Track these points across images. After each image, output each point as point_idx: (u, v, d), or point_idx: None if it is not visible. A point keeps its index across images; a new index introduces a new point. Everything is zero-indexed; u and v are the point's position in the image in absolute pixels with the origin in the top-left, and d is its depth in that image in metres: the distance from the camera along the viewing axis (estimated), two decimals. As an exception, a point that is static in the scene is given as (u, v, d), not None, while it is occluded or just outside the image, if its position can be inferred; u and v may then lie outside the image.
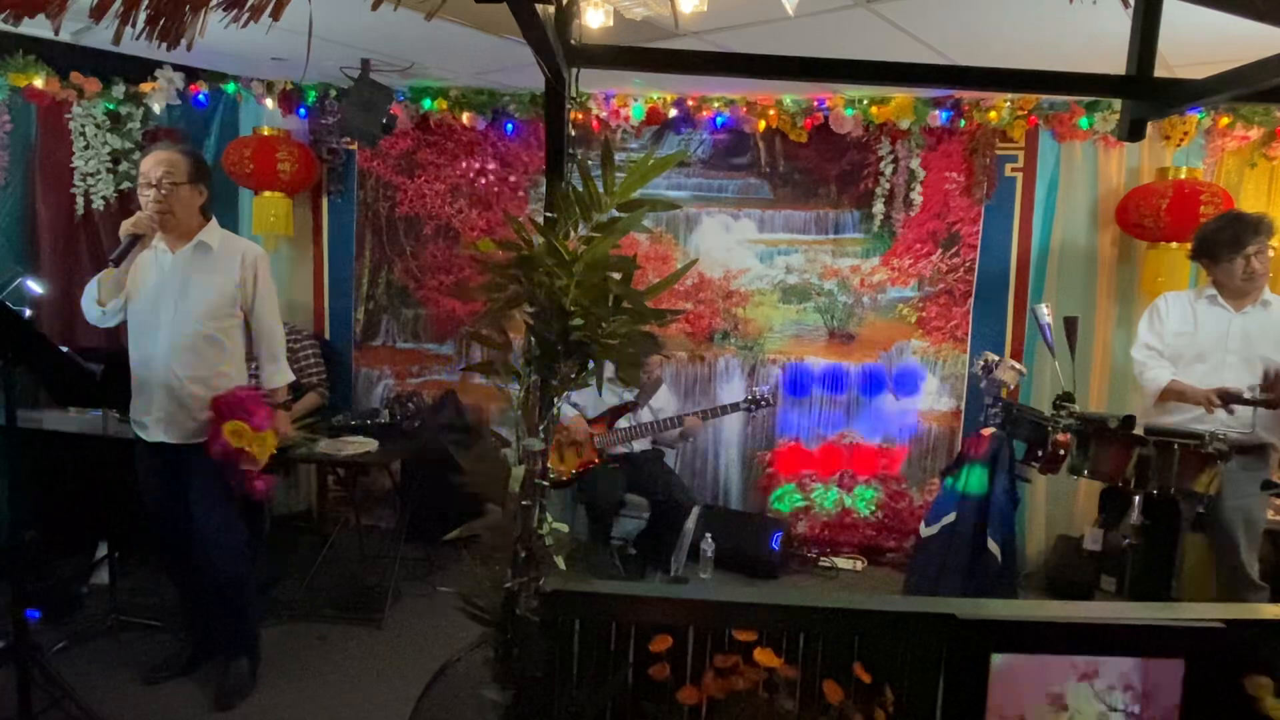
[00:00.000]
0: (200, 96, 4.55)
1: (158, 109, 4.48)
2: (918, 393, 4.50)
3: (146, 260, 2.85)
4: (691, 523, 4.19)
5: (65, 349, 2.83)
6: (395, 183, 4.77)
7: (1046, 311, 3.32)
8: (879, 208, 4.39)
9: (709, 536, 4.25)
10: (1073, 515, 4.33)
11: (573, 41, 1.69)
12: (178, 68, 4.43)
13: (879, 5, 2.95)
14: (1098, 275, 4.26)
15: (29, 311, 4.05)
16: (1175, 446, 2.83)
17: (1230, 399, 2.93)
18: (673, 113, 4.44)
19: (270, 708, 2.93)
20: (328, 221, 4.84)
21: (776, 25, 3.12)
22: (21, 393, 2.74)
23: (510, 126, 4.60)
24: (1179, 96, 1.88)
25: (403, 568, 3.92)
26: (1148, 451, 2.87)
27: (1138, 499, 2.92)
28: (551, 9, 1.51)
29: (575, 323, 1.30)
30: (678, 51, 1.97)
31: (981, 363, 3.54)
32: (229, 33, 1.40)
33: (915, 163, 4.33)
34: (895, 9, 2.99)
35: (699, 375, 4.70)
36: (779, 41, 3.31)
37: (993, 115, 4.18)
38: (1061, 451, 3.03)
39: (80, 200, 4.43)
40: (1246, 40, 2.27)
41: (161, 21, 1.36)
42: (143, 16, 1.35)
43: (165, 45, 1.40)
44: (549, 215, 1.36)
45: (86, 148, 4.41)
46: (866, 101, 4.25)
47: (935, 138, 4.32)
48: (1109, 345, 4.28)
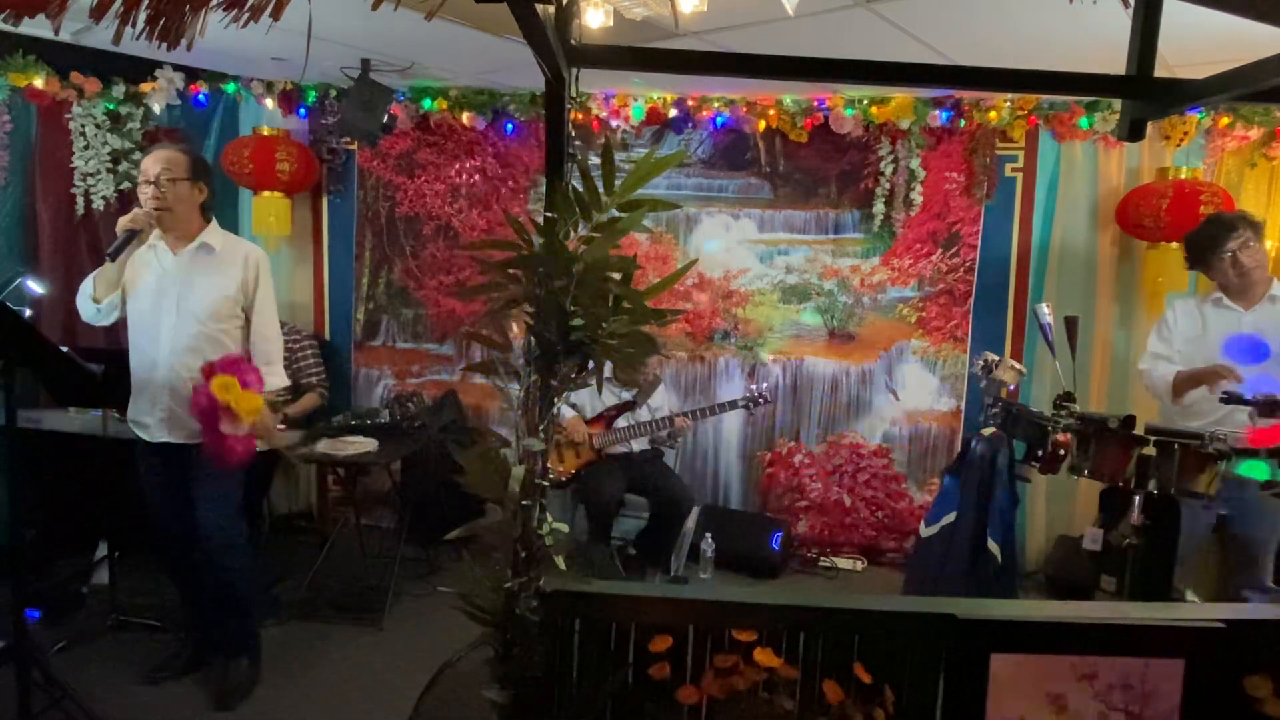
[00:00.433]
0: (200, 96, 4.55)
1: (158, 109, 4.48)
2: (918, 393, 4.50)
3: (148, 260, 2.85)
4: (691, 523, 4.19)
5: (65, 349, 2.83)
6: (395, 183, 4.77)
7: (1047, 311, 3.31)
8: (879, 208, 4.39)
9: (709, 536, 4.26)
10: (1073, 515, 4.33)
11: (573, 41, 1.69)
12: (178, 68, 4.43)
13: (879, 5, 2.94)
14: (1098, 275, 4.26)
15: (29, 311, 4.06)
16: (1175, 446, 2.83)
17: (1232, 399, 2.91)
18: (673, 113, 4.44)
19: (270, 708, 2.93)
20: (328, 221, 4.84)
21: (776, 25, 3.12)
22: (21, 393, 2.73)
23: (510, 126, 4.60)
24: (1179, 96, 1.88)
25: (403, 568, 3.92)
26: (1148, 451, 2.86)
27: (1138, 499, 2.92)
28: (551, 9, 1.51)
29: (575, 323, 1.30)
30: (678, 51, 1.97)
31: (981, 363, 3.53)
32: (229, 33, 1.40)
33: (915, 163, 4.33)
34: (895, 9, 2.99)
35: (699, 375, 4.70)
36: (779, 41, 3.31)
37: (993, 115, 4.18)
38: (1061, 451, 3.02)
39: (80, 200, 4.43)
40: (1246, 40, 2.27)
41: (161, 21, 1.36)
42: (143, 16, 1.35)
43: (165, 45, 1.40)
44: (549, 215, 1.36)
45: (86, 148, 4.41)
46: (866, 101, 4.25)
47: (935, 138, 4.32)
48: (1109, 345, 4.28)
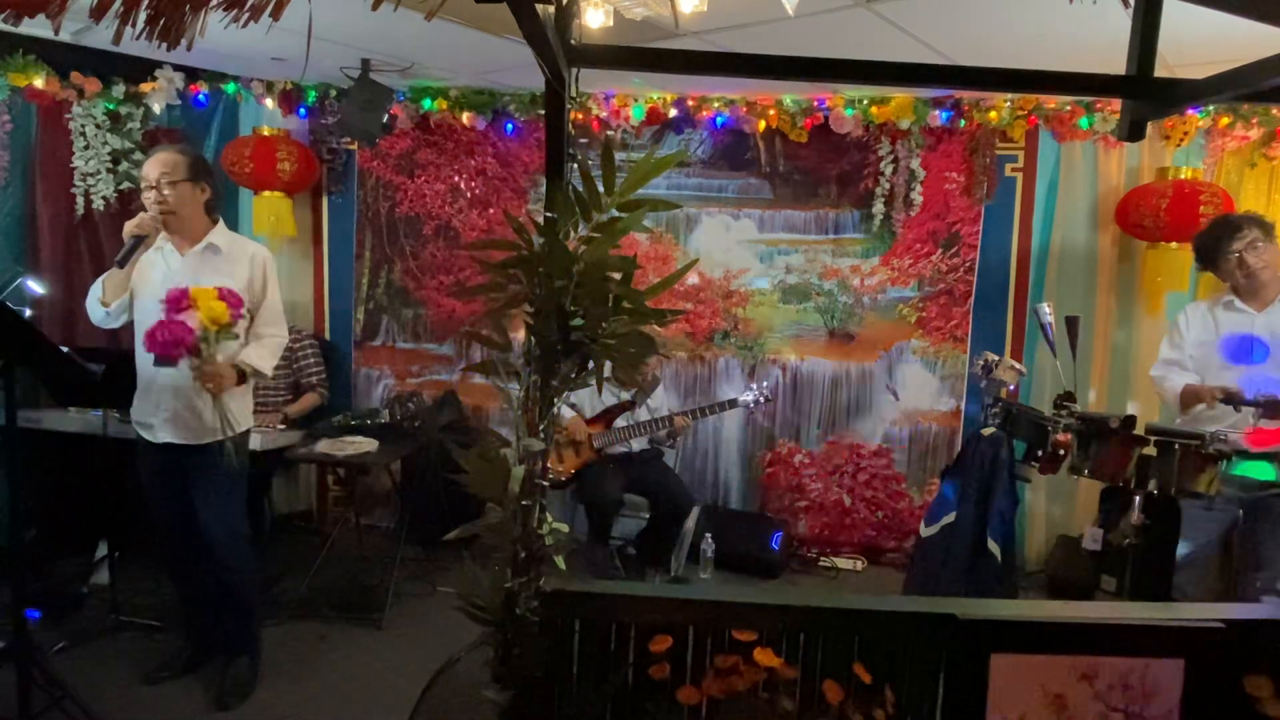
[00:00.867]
0: (200, 96, 4.55)
1: (158, 109, 4.48)
2: (918, 393, 4.50)
3: (155, 261, 2.85)
4: (691, 523, 4.18)
5: (65, 349, 2.83)
6: (395, 183, 4.77)
7: (1048, 311, 3.31)
8: (879, 208, 4.39)
9: (709, 536, 4.25)
10: (1073, 515, 4.33)
11: (573, 41, 1.69)
12: (178, 68, 4.43)
13: (879, 5, 2.94)
14: (1097, 275, 4.25)
15: (29, 311, 4.06)
16: (1176, 447, 2.83)
17: (1233, 399, 2.92)
18: (673, 113, 4.43)
19: (270, 708, 2.93)
20: (328, 221, 4.84)
21: (776, 25, 3.12)
22: (21, 393, 2.73)
23: (510, 126, 4.60)
24: (1179, 96, 1.88)
25: (403, 568, 3.92)
26: (1148, 451, 2.86)
27: (1138, 499, 2.92)
28: (551, 9, 1.51)
29: (575, 323, 1.30)
30: (678, 51, 1.97)
31: (981, 363, 3.53)
32: (229, 33, 1.40)
33: (915, 163, 4.33)
34: (895, 9, 2.99)
35: (699, 375, 4.70)
36: (779, 41, 3.31)
37: (993, 115, 4.18)
38: (1061, 451, 3.02)
39: (80, 200, 4.43)
40: (1246, 40, 2.27)
41: (161, 21, 1.36)
42: (143, 16, 1.35)
43: (165, 45, 1.40)
44: (549, 215, 1.36)
45: (86, 148, 4.40)
46: (866, 101, 4.24)
47: (935, 138, 4.32)
48: (1109, 345, 4.27)
